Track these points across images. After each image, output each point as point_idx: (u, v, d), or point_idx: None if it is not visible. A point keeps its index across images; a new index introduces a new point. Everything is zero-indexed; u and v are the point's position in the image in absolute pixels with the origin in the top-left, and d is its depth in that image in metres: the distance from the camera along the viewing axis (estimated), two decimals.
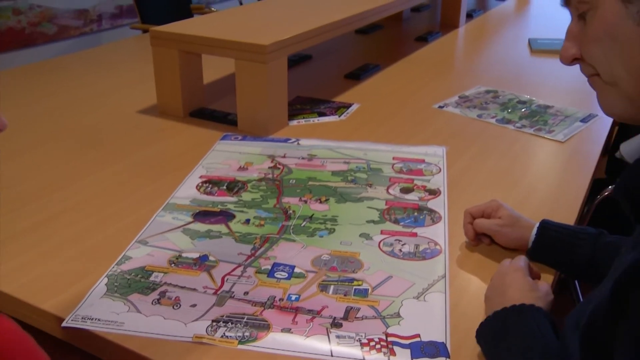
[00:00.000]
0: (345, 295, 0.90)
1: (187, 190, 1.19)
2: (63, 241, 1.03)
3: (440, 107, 1.69)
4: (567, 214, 1.13)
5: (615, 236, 0.94)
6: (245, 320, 0.84)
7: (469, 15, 2.80)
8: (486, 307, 0.85)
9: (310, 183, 1.23)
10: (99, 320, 0.83)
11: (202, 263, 0.96)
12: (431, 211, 1.13)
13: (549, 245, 0.96)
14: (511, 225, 1.00)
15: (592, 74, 0.68)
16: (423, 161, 1.33)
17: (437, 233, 1.06)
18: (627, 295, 0.56)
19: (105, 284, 0.91)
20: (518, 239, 1.00)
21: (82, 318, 0.83)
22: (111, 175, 1.26)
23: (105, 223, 1.09)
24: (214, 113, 1.57)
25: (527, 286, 0.82)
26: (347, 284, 0.92)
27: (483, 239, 1.04)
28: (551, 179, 1.31)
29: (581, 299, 1.12)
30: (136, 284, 0.91)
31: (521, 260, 0.88)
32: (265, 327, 0.83)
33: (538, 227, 0.98)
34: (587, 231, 0.96)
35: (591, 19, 0.65)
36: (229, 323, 0.83)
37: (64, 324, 0.83)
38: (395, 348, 0.79)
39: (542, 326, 0.73)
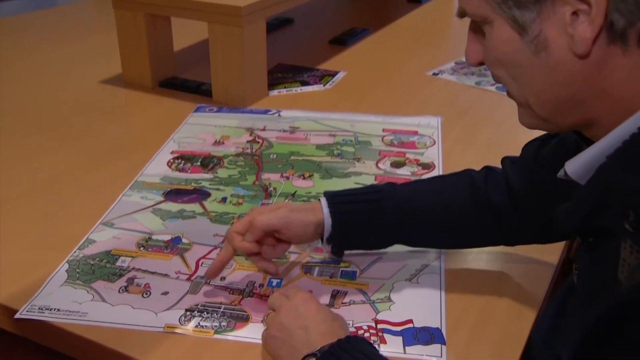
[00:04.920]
0: (331, 277, 0.84)
1: (157, 167, 1.12)
2: (16, 229, 0.94)
3: (435, 74, 1.62)
4: None
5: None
6: (222, 310, 0.78)
7: None
8: (272, 349, 0.71)
9: (292, 158, 1.17)
10: (58, 310, 0.77)
11: (174, 246, 0.91)
12: None
13: (351, 217, 0.82)
14: (296, 210, 0.81)
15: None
16: (416, 133, 1.27)
17: None
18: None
19: (66, 271, 0.84)
20: (309, 224, 0.81)
21: (39, 308, 0.77)
22: (71, 155, 1.17)
23: (65, 206, 1.00)
24: (186, 83, 1.49)
25: (329, 317, 0.70)
26: (333, 265, 0.87)
27: (266, 241, 0.82)
28: None
29: None
30: (101, 270, 0.85)
31: (299, 289, 0.76)
32: (244, 318, 0.77)
33: (328, 204, 0.82)
34: (377, 188, 0.84)
35: (489, 36, 0.60)
36: (204, 312, 0.77)
37: (17, 316, 0.76)
38: (386, 336, 0.75)
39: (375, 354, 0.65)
